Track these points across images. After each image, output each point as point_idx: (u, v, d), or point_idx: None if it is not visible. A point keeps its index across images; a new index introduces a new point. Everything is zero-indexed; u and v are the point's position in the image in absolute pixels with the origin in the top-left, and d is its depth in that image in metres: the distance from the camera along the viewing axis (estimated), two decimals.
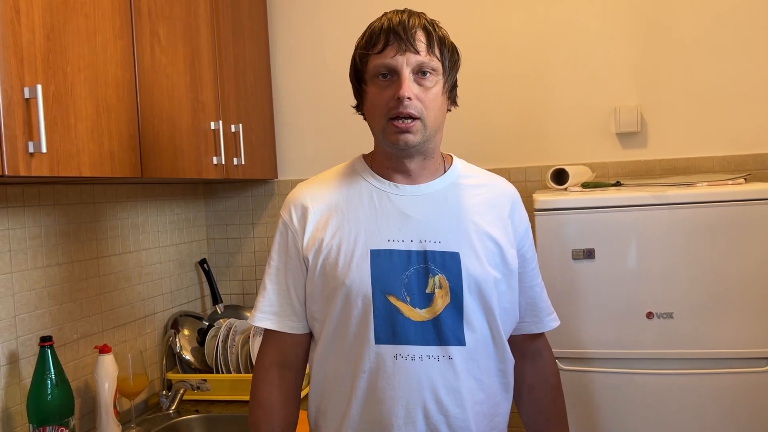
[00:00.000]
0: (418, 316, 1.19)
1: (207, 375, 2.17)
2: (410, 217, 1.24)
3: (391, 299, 1.19)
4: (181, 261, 2.41)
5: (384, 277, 1.19)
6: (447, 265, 1.20)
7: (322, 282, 1.24)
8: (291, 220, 1.29)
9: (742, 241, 1.69)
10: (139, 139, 1.63)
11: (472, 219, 1.25)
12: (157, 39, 1.73)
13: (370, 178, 1.29)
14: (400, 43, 1.16)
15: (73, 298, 1.85)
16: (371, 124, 1.26)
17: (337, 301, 1.22)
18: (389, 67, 1.18)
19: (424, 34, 1.19)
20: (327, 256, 1.23)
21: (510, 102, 2.35)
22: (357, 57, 1.25)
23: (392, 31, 1.17)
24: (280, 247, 1.31)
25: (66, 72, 1.38)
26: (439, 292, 1.20)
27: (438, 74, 1.20)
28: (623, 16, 2.26)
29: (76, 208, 1.88)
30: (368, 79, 1.22)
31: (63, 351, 1.79)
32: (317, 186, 1.32)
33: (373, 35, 1.20)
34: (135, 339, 2.11)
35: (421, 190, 1.27)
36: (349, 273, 1.20)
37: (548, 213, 1.79)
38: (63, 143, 1.36)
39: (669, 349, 1.74)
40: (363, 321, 1.20)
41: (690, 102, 2.23)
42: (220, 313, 2.47)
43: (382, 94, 1.19)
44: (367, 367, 1.20)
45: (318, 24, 2.50)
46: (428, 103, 1.19)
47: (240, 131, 2.15)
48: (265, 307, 1.30)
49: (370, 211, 1.25)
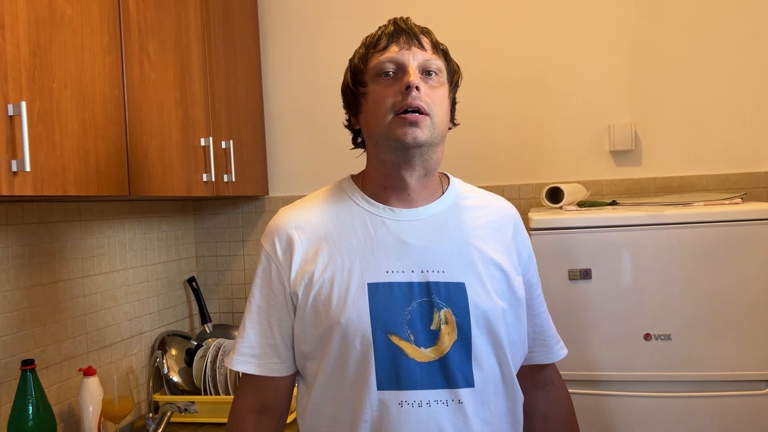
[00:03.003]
0: (423, 357, 1.08)
1: (195, 397, 2.12)
2: (410, 244, 1.12)
3: (394, 339, 1.07)
4: (170, 279, 2.36)
5: (384, 313, 1.07)
6: (452, 298, 1.09)
7: (314, 321, 1.11)
8: (275, 252, 1.16)
9: (740, 261, 1.67)
10: (127, 156, 1.60)
11: (475, 245, 1.15)
12: (146, 54, 1.70)
13: (363, 201, 1.18)
14: (407, 38, 1.11)
15: (57, 318, 1.80)
16: (372, 128, 1.13)
17: (333, 343, 1.09)
18: (395, 61, 1.10)
19: (427, 37, 1.15)
20: (318, 292, 1.11)
21: (503, 119, 2.33)
22: (357, 58, 1.17)
23: (397, 28, 1.13)
24: (263, 282, 1.18)
25: (52, 88, 1.35)
26: (446, 329, 1.09)
27: (443, 76, 1.14)
28: (617, 33, 2.26)
29: (62, 226, 1.84)
30: (369, 80, 1.13)
31: (46, 374, 1.74)
32: (303, 212, 1.19)
33: (375, 36, 1.15)
34: (121, 360, 2.06)
35: (420, 214, 1.16)
36: (345, 310, 1.08)
37: (544, 232, 1.77)
38: (48, 161, 1.32)
39: (667, 372, 1.71)
40: (363, 364, 1.07)
41: (684, 120, 2.22)
42: (209, 332, 2.42)
43: (387, 90, 1.10)
44: (368, 416, 1.07)
45: (310, 40, 2.48)
46: (436, 101, 1.11)
47: (231, 147, 2.12)
48: (244, 350, 1.17)
49: (364, 240, 1.13)
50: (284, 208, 1.22)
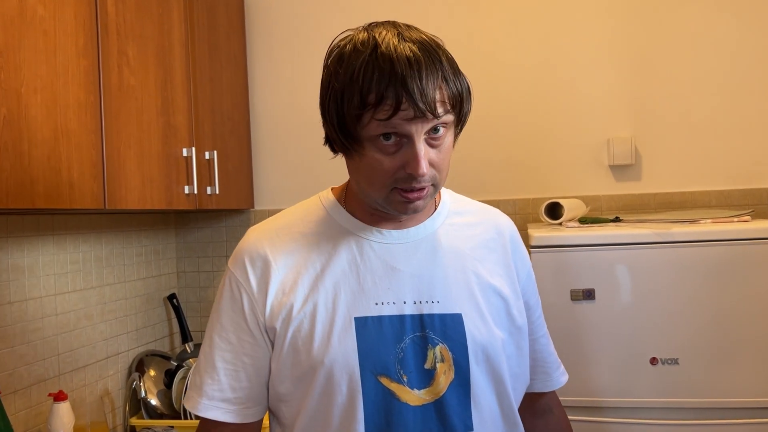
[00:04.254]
0: (417, 400, 0.96)
1: (174, 421, 2.02)
2: (400, 271, 0.99)
3: (384, 381, 0.95)
4: (149, 296, 2.25)
5: (374, 352, 0.95)
6: (449, 332, 0.97)
7: (293, 361, 0.97)
8: (246, 280, 1.00)
9: (750, 281, 1.61)
10: (104, 166, 1.50)
11: (473, 269, 1.04)
12: (125, 59, 1.61)
13: (346, 222, 1.03)
14: (416, 109, 0.88)
15: (27, 339, 1.69)
16: (366, 186, 0.97)
17: (314, 387, 0.96)
18: (399, 132, 0.91)
19: (439, 90, 0.92)
20: (299, 328, 0.96)
21: (500, 132, 2.26)
22: (348, 112, 0.91)
23: (405, 92, 0.87)
24: (233, 314, 1.00)
25: (20, 93, 1.25)
26: (442, 367, 0.97)
27: (450, 126, 0.97)
28: (617, 45, 2.20)
29: (33, 240, 1.73)
30: (365, 139, 0.92)
31: (13, 399, 1.62)
32: (277, 233, 1.03)
33: (377, 87, 0.89)
34: (95, 383, 1.94)
35: (411, 235, 1.02)
36: (329, 350, 0.94)
37: (545, 250, 1.69)
38: (14, 172, 1.22)
39: (674, 398, 1.64)
40: (349, 411, 0.95)
41: (685, 134, 2.16)
42: (190, 352, 2.32)
43: (387, 160, 0.92)
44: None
45: (298, 48, 2.40)
46: (442, 165, 0.96)
47: (215, 158, 2.02)
48: (214, 393, 0.99)
49: (349, 266, 0.99)
50: (255, 228, 1.06)
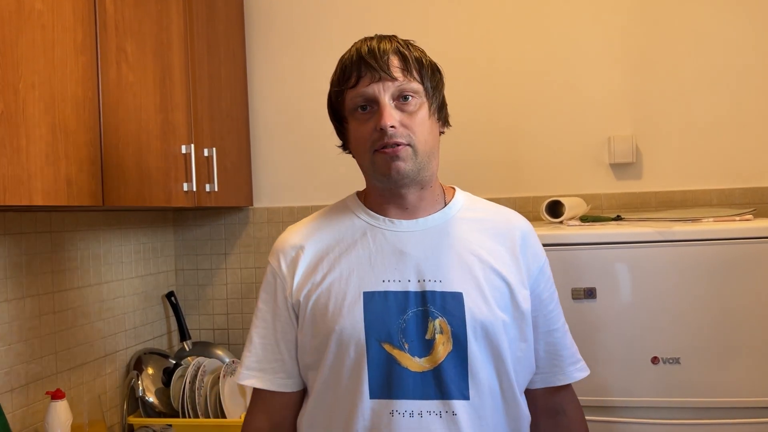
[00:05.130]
0: (417, 366, 1.08)
1: (172, 419, 2.01)
2: (407, 254, 1.13)
3: (387, 347, 1.08)
4: (147, 294, 2.24)
5: (378, 322, 1.08)
6: (448, 308, 1.09)
7: (312, 330, 1.13)
8: (279, 267, 1.19)
9: (752, 280, 1.60)
10: (101, 163, 1.49)
11: (476, 254, 1.14)
12: (124, 55, 1.59)
13: (363, 214, 1.19)
14: (373, 72, 1.08)
15: (24, 337, 1.67)
16: (359, 160, 1.17)
17: (328, 351, 1.10)
18: (366, 97, 1.09)
19: (397, 57, 1.10)
20: (317, 302, 1.13)
21: (500, 130, 2.25)
22: (332, 95, 1.16)
23: (362, 61, 1.09)
24: (268, 296, 1.20)
25: (17, 89, 1.24)
26: (440, 338, 1.08)
27: (420, 96, 1.11)
28: (617, 43, 2.19)
29: (30, 238, 1.71)
30: (348, 114, 1.14)
31: (10, 397, 1.61)
32: (308, 228, 1.22)
33: (345, 69, 1.12)
34: (93, 381, 1.93)
35: (420, 224, 1.16)
36: (340, 318, 1.09)
37: (546, 248, 1.64)
38: (11, 168, 1.21)
39: (676, 397, 1.62)
40: (355, 372, 1.08)
41: (686, 132, 2.15)
42: (188, 350, 2.31)
43: (364, 127, 1.10)
44: (360, 426, 1.08)
45: (298, 45, 2.38)
46: (415, 128, 1.09)
47: (213, 155, 2.01)
48: (251, 363, 1.19)
49: (363, 250, 1.14)
50: (291, 226, 1.26)
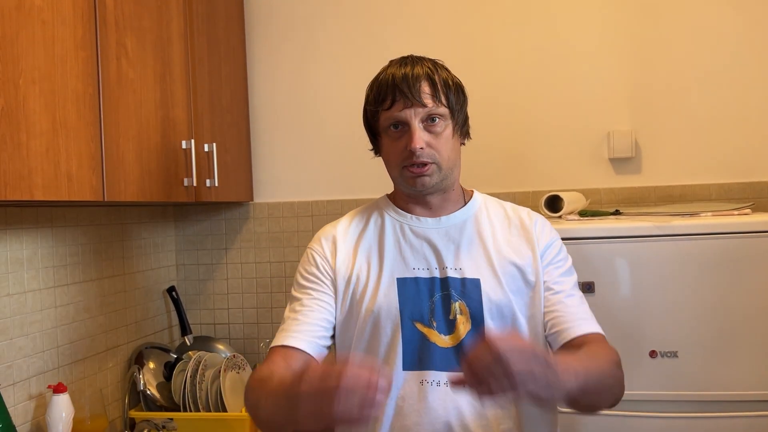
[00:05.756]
0: (443, 342, 1.24)
1: (173, 413, 2.02)
2: (432, 246, 1.30)
3: (418, 326, 1.24)
4: (148, 289, 2.25)
5: (411, 304, 1.25)
6: (467, 292, 1.25)
7: (350, 310, 1.29)
8: (321, 249, 1.34)
9: (750, 275, 1.61)
10: (102, 159, 1.50)
11: (493, 245, 1.30)
12: (124, 51, 1.60)
13: (393, 212, 1.36)
14: (406, 99, 1.24)
15: (25, 332, 1.69)
16: (390, 171, 1.33)
17: (366, 328, 1.27)
18: (399, 120, 1.25)
19: (428, 84, 1.25)
20: (356, 285, 1.29)
21: (500, 125, 2.26)
22: (368, 113, 1.33)
23: (397, 88, 1.25)
24: (307, 271, 1.33)
25: (18, 84, 1.24)
26: (461, 318, 1.25)
27: (446, 118, 1.27)
28: (617, 38, 2.20)
29: (31, 233, 1.72)
30: (381, 131, 1.31)
31: (12, 391, 1.62)
32: (344, 222, 1.39)
33: (381, 92, 1.28)
34: (95, 375, 1.94)
35: (442, 222, 1.33)
36: (377, 300, 1.26)
37: None
38: (12, 163, 1.22)
39: (674, 391, 1.64)
40: (391, 347, 1.24)
41: (685, 127, 2.16)
42: (189, 344, 2.32)
43: (396, 144, 1.27)
44: (394, 394, 1.22)
45: (298, 41, 2.38)
46: (440, 147, 1.26)
47: (214, 151, 2.02)
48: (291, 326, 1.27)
49: (394, 243, 1.32)
50: (329, 224, 1.42)
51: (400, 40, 2.28)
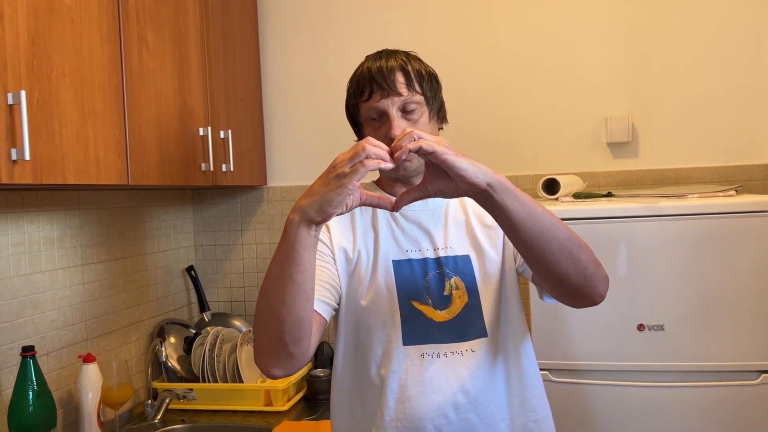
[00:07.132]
0: (439, 317, 1.30)
1: (193, 384, 2.14)
2: (422, 229, 1.36)
3: (415, 304, 1.30)
4: (168, 268, 2.37)
5: (407, 284, 1.31)
6: (460, 268, 1.32)
7: (349, 291, 1.33)
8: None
9: (733, 253, 1.69)
10: (126, 145, 1.61)
11: (473, 222, 1.36)
12: (144, 43, 1.71)
13: None
14: (383, 90, 1.30)
15: (56, 306, 1.82)
16: None
17: (365, 309, 1.31)
18: (378, 110, 1.31)
19: (402, 74, 1.32)
20: (355, 268, 1.33)
21: (499, 110, 2.34)
22: (350, 106, 1.39)
23: (374, 80, 1.32)
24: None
25: (51, 77, 1.35)
26: (456, 293, 1.31)
27: (422, 106, 1.33)
28: (615, 24, 2.26)
29: (61, 215, 1.85)
30: (363, 122, 1.36)
31: (46, 360, 1.76)
32: None
33: (359, 85, 1.34)
34: (120, 347, 2.07)
35: (429, 205, 1.37)
36: (376, 282, 1.31)
37: None
38: (46, 150, 1.33)
39: (660, 362, 1.72)
40: (390, 325, 1.30)
41: (681, 112, 2.23)
42: (208, 321, 2.44)
43: (377, 134, 1.32)
44: (396, 367, 1.28)
45: (308, 31, 2.48)
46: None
47: (229, 137, 2.12)
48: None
49: (386, 227, 1.36)
50: None
51: (410, 27, 2.35)
